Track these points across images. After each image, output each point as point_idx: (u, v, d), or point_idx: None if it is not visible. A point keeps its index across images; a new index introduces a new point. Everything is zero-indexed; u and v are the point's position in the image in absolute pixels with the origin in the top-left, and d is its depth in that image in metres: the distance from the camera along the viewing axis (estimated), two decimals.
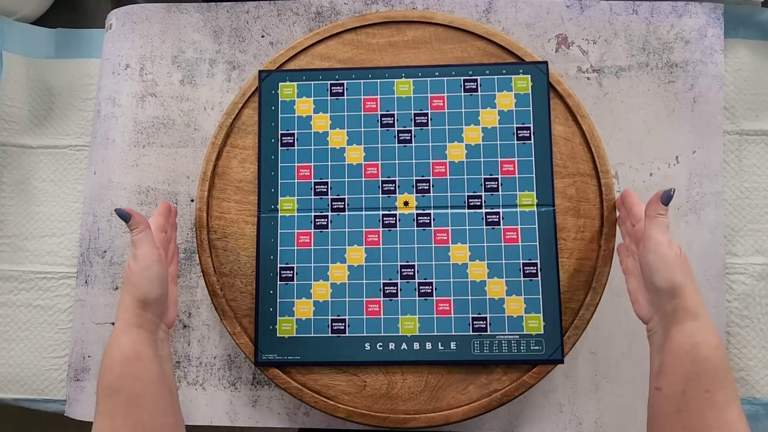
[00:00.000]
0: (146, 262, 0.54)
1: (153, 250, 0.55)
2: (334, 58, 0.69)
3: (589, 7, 0.73)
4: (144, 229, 0.55)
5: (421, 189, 0.65)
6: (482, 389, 0.62)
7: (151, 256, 0.54)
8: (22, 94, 0.77)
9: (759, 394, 0.68)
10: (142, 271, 0.53)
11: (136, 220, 0.55)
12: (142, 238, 0.55)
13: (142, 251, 0.54)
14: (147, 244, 0.54)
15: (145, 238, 0.55)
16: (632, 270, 0.57)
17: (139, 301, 0.53)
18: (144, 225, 0.55)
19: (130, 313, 0.53)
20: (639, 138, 0.71)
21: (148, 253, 0.54)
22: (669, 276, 0.50)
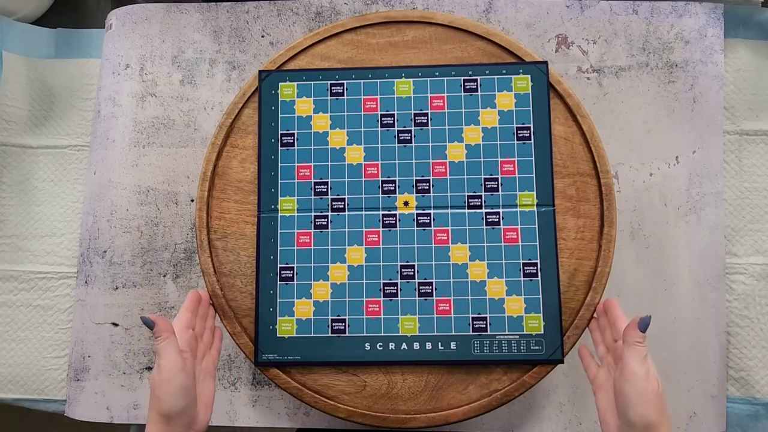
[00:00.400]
0: (169, 373, 0.51)
1: (177, 358, 0.52)
2: (334, 58, 0.69)
3: (589, 7, 0.73)
4: (168, 336, 0.53)
5: (421, 189, 0.65)
6: (482, 389, 0.62)
7: (175, 365, 0.52)
8: (22, 94, 0.77)
9: (759, 394, 0.68)
10: (165, 383, 0.51)
11: (159, 327, 0.52)
12: (166, 346, 0.52)
13: (166, 361, 0.52)
14: (171, 353, 0.52)
15: (168, 347, 0.52)
16: (604, 385, 0.54)
17: (163, 416, 0.51)
18: (168, 332, 0.53)
19: (155, 428, 0.51)
20: (639, 138, 0.71)
21: (171, 363, 0.52)
22: (644, 413, 0.49)
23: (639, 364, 0.50)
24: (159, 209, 0.72)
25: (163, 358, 0.52)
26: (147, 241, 0.71)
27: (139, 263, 0.71)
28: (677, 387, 0.67)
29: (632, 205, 0.70)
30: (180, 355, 0.53)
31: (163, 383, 0.51)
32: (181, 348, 0.53)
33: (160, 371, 0.52)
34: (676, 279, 0.69)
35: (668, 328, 0.68)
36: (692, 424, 0.67)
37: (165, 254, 0.71)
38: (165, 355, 0.52)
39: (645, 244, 0.69)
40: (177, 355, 0.52)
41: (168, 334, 0.53)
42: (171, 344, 0.53)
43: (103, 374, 0.70)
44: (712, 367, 0.68)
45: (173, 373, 0.52)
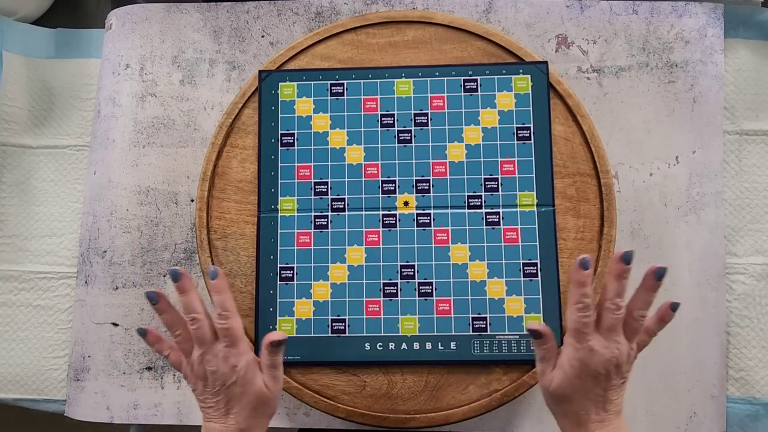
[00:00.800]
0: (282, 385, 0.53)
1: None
2: (334, 58, 0.69)
3: (589, 7, 0.73)
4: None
5: (421, 189, 0.65)
6: (482, 389, 0.62)
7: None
8: (22, 94, 0.77)
9: (759, 394, 0.68)
10: (278, 391, 0.53)
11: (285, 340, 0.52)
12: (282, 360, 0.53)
13: (282, 373, 0.53)
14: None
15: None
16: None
17: (269, 417, 0.53)
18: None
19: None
20: (639, 138, 0.71)
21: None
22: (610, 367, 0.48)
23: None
24: (159, 209, 0.72)
25: (281, 370, 0.53)
26: (147, 241, 0.71)
27: (139, 263, 0.71)
28: (677, 387, 0.67)
29: (632, 205, 0.70)
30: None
31: (279, 394, 0.52)
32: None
33: (278, 382, 0.52)
34: (676, 279, 0.69)
35: (668, 328, 0.68)
36: (692, 424, 0.67)
37: (165, 254, 0.71)
38: (282, 367, 0.53)
39: (645, 244, 0.69)
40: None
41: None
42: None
43: (103, 374, 0.70)
44: (712, 367, 0.68)
45: (282, 383, 0.53)
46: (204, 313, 0.51)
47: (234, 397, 0.50)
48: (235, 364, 0.50)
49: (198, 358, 0.51)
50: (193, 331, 0.51)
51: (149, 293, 0.52)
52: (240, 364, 0.50)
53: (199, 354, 0.51)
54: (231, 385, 0.50)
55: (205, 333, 0.51)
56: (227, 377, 0.50)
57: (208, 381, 0.51)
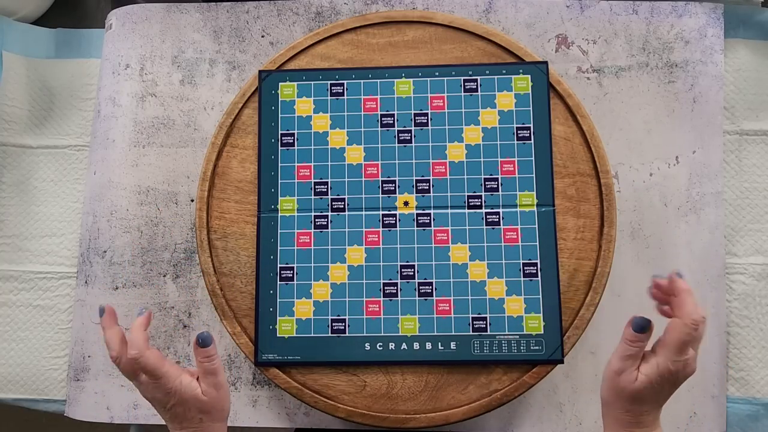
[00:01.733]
0: (226, 385, 0.54)
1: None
2: (334, 58, 0.69)
3: (589, 7, 0.73)
4: (217, 355, 0.53)
5: (421, 189, 0.65)
6: (482, 389, 0.62)
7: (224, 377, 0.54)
8: (22, 94, 0.77)
9: (759, 394, 0.68)
10: (226, 394, 0.53)
11: (214, 346, 0.53)
12: (220, 364, 0.53)
13: (223, 377, 0.53)
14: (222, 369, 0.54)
15: (220, 364, 0.53)
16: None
17: (223, 422, 0.53)
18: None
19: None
20: (639, 138, 0.71)
21: (224, 377, 0.54)
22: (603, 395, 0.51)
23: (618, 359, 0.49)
24: (159, 209, 0.72)
25: (221, 375, 0.53)
26: (147, 241, 0.71)
27: (139, 263, 0.71)
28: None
29: (632, 205, 0.70)
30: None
31: (225, 396, 0.53)
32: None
33: (219, 387, 0.52)
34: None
35: None
36: (692, 424, 0.67)
37: (165, 254, 0.71)
38: (221, 372, 0.53)
39: (645, 244, 0.69)
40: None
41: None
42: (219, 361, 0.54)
43: (103, 374, 0.70)
44: (712, 367, 0.68)
45: (226, 384, 0.54)
46: (123, 352, 0.51)
47: (178, 415, 0.51)
48: (167, 389, 0.50)
49: (137, 386, 0.52)
50: (119, 369, 0.52)
51: (100, 307, 0.53)
52: (171, 387, 0.50)
53: (136, 384, 0.52)
54: (172, 407, 0.51)
55: (126, 369, 0.51)
56: (165, 401, 0.51)
57: (153, 404, 0.53)
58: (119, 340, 0.51)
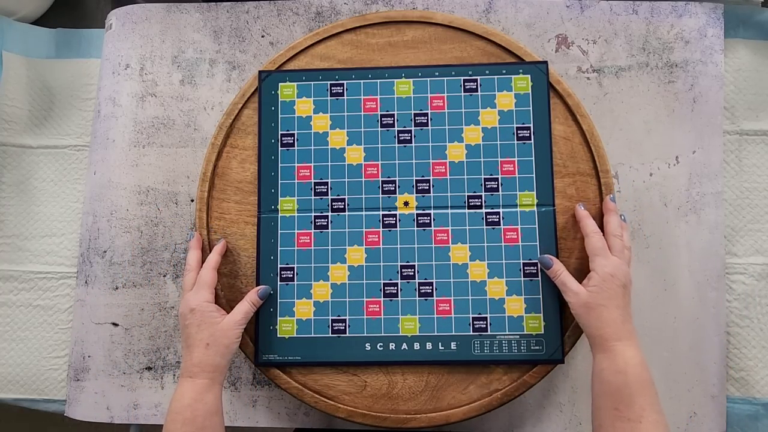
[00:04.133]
0: (245, 321, 0.61)
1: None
2: (333, 58, 0.69)
3: (589, 7, 0.73)
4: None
5: (421, 189, 0.65)
6: (482, 389, 0.62)
7: (249, 313, 0.62)
8: (22, 94, 0.77)
9: (759, 394, 0.68)
10: (238, 329, 0.60)
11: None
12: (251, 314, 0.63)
13: (250, 310, 0.62)
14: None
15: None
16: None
17: (228, 351, 0.59)
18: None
19: (217, 359, 0.58)
20: (639, 138, 0.71)
21: (249, 312, 0.62)
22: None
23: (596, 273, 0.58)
24: (159, 209, 0.72)
25: (246, 320, 0.60)
26: (147, 241, 0.71)
27: (139, 263, 0.71)
28: (677, 387, 0.67)
29: (632, 205, 0.70)
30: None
31: (234, 338, 0.59)
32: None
33: (237, 326, 0.59)
34: (676, 279, 0.69)
35: (668, 328, 0.68)
36: (692, 424, 0.67)
37: (165, 254, 0.71)
38: (248, 318, 0.61)
39: (645, 244, 0.69)
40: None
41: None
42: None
43: (103, 374, 0.70)
44: (712, 367, 0.68)
45: (246, 321, 0.60)
46: (194, 268, 0.62)
47: (190, 336, 0.58)
48: (190, 304, 0.59)
49: (181, 300, 0.61)
50: (185, 276, 0.62)
51: (191, 232, 0.69)
52: (195, 303, 0.59)
53: (182, 298, 0.60)
54: (188, 325, 0.58)
55: (187, 281, 0.62)
56: (185, 317, 0.59)
57: (179, 323, 0.62)
58: (197, 260, 0.63)
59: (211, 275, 0.61)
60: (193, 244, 0.64)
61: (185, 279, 0.62)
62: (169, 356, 0.70)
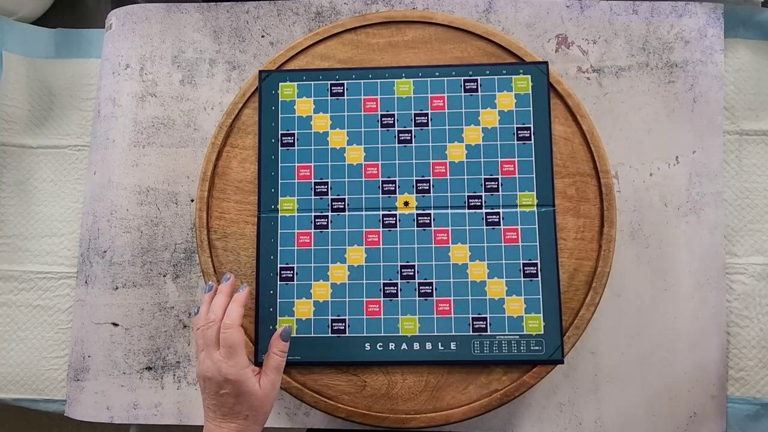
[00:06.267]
0: (278, 390, 0.56)
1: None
2: (334, 58, 0.69)
3: (589, 7, 0.73)
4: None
5: (421, 189, 0.65)
6: (482, 389, 0.62)
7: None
8: (22, 94, 0.77)
9: (759, 394, 0.68)
10: (273, 397, 0.55)
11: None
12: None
13: (280, 378, 0.56)
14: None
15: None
16: None
17: (260, 424, 0.54)
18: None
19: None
20: (639, 138, 0.71)
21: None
22: None
23: None
24: (159, 209, 0.72)
25: (281, 376, 0.55)
26: (147, 241, 0.71)
27: (139, 263, 0.71)
28: (677, 387, 0.67)
29: (632, 205, 0.70)
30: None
31: (273, 399, 0.54)
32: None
33: (274, 387, 0.54)
34: (676, 279, 0.69)
35: (668, 328, 0.68)
36: (692, 424, 0.67)
37: (165, 254, 0.71)
38: (282, 373, 0.56)
39: (645, 244, 0.69)
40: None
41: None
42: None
43: (103, 374, 0.70)
44: (712, 367, 0.68)
45: (278, 389, 0.56)
46: (220, 320, 0.54)
47: (226, 405, 0.52)
48: (227, 376, 0.51)
49: (201, 357, 0.54)
50: (206, 330, 0.54)
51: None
52: (232, 375, 0.51)
53: (202, 354, 0.54)
54: (224, 395, 0.52)
55: (211, 337, 0.53)
56: (220, 386, 0.52)
57: (204, 384, 0.53)
58: (222, 308, 0.55)
59: (241, 334, 0.53)
60: (225, 289, 0.56)
61: (208, 332, 0.53)
62: (169, 356, 0.70)
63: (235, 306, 0.54)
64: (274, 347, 0.56)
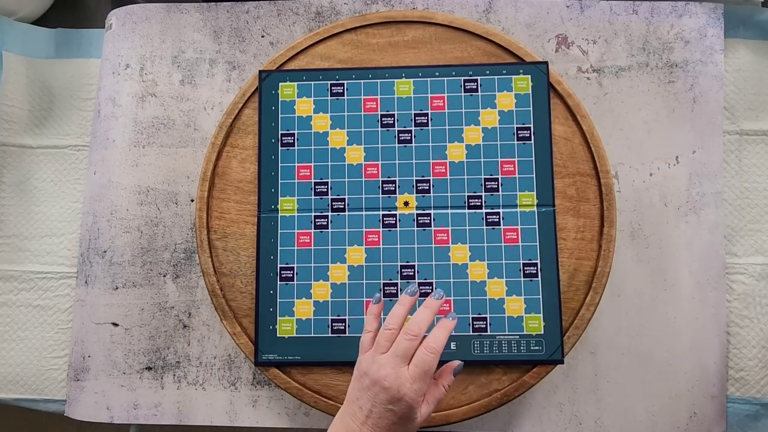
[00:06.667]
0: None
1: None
2: (334, 58, 0.69)
3: (589, 7, 0.73)
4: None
5: (421, 189, 0.65)
6: (482, 389, 0.62)
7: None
8: (22, 94, 0.77)
9: (759, 394, 0.68)
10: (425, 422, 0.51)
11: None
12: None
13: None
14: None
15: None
16: None
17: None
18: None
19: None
20: (639, 138, 0.71)
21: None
22: None
23: None
24: (159, 209, 0.72)
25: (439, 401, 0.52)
26: (147, 241, 0.71)
27: (139, 263, 0.71)
28: (677, 387, 0.67)
29: (632, 205, 0.70)
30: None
31: (419, 426, 0.50)
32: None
33: (425, 418, 0.50)
34: (676, 279, 0.69)
35: (668, 328, 0.68)
36: (692, 424, 0.67)
37: (165, 254, 0.71)
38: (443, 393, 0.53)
39: (645, 244, 0.69)
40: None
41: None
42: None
43: (103, 374, 0.70)
44: (712, 367, 0.68)
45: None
46: (422, 337, 0.51)
47: (385, 418, 0.48)
48: (406, 397, 0.48)
49: (382, 359, 0.50)
50: (404, 341, 0.50)
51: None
52: (410, 399, 0.48)
53: (383, 357, 0.50)
54: (390, 410, 0.48)
55: (409, 349, 0.49)
56: (392, 402, 0.48)
57: (373, 388, 0.49)
58: (427, 325, 0.51)
59: (436, 362, 0.49)
60: (434, 305, 0.52)
61: (406, 343, 0.49)
62: (169, 356, 0.70)
63: (444, 333, 0.50)
64: (446, 380, 0.52)
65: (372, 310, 0.54)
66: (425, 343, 0.50)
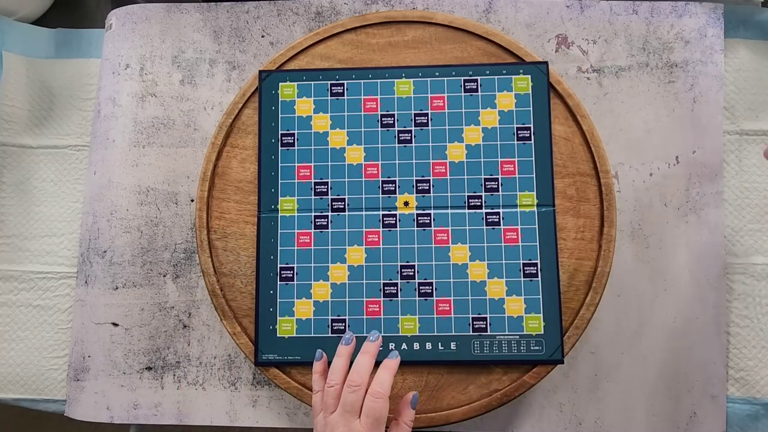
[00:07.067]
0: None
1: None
2: (334, 58, 0.69)
3: (589, 7, 0.73)
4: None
5: (421, 189, 0.65)
6: (482, 389, 0.62)
7: None
8: (22, 94, 0.77)
9: (759, 394, 0.68)
10: None
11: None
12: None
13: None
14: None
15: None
16: None
17: None
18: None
19: None
20: (639, 138, 0.71)
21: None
22: None
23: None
24: (159, 209, 0.72)
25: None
26: (147, 241, 0.71)
27: (139, 263, 0.71)
28: (677, 387, 0.67)
29: (632, 205, 0.70)
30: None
31: None
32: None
33: None
34: (676, 279, 0.69)
35: (668, 328, 0.68)
36: (692, 424, 0.67)
37: (165, 254, 0.71)
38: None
39: (645, 244, 0.69)
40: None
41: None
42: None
43: (103, 374, 0.70)
44: (712, 367, 0.68)
45: None
46: (366, 385, 0.50)
47: None
48: None
49: (333, 420, 0.49)
50: (348, 394, 0.49)
51: (346, 336, 0.55)
52: None
53: (334, 416, 0.49)
54: None
55: (356, 403, 0.49)
56: None
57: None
58: (368, 371, 0.50)
59: (387, 406, 0.48)
60: (372, 349, 0.52)
61: (351, 396, 0.49)
62: (169, 356, 0.70)
63: (388, 374, 0.50)
64: (406, 417, 0.52)
65: (316, 368, 0.54)
66: (371, 390, 0.49)
